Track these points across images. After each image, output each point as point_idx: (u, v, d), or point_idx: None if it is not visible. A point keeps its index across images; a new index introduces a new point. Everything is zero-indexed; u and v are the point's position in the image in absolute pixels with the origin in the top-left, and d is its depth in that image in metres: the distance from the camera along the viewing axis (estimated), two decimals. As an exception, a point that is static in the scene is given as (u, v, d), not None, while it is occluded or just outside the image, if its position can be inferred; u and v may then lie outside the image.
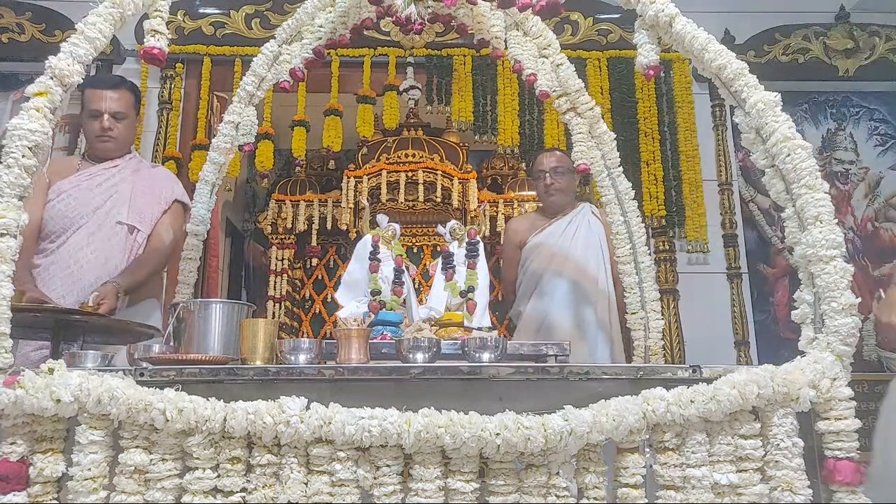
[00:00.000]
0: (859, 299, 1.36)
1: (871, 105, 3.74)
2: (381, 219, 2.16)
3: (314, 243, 4.42)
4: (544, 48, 2.29)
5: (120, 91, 2.41)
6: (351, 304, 2.05)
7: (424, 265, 4.46)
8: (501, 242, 3.37)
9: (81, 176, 2.39)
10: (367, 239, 2.09)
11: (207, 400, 1.21)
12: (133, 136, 2.50)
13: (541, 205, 3.00)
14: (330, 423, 1.18)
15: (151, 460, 1.20)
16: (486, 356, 1.49)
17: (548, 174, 2.83)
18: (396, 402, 1.23)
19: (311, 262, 4.62)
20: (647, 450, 1.28)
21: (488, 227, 4.11)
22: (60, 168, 2.44)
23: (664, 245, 3.44)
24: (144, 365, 1.43)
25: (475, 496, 1.20)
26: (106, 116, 2.37)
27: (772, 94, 1.51)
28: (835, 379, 1.30)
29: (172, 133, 3.45)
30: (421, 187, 4.00)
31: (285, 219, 4.38)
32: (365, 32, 2.35)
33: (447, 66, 3.57)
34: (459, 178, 4.07)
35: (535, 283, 2.79)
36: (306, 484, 1.19)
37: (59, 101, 1.38)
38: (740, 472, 1.26)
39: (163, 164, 3.31)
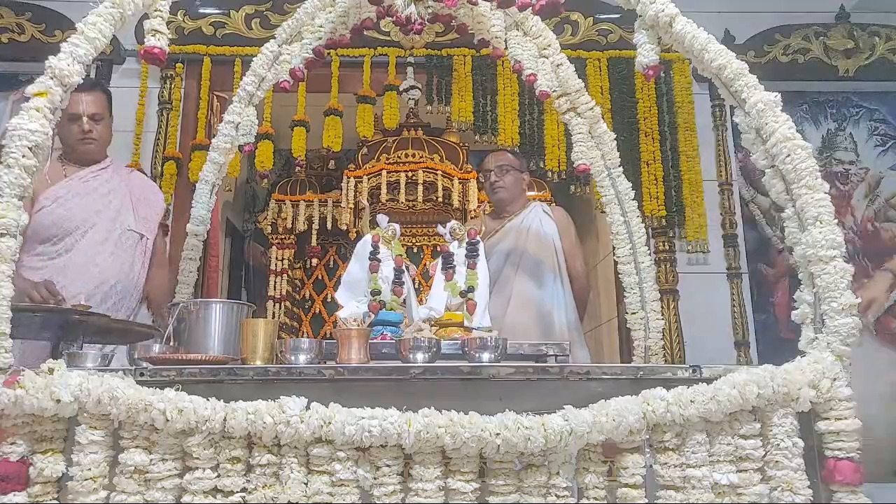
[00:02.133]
0: (859, 299, 1.36)
1: (871, 105, 3.73)
2: (381, 219, 2.16)
3: (314, 243, 4.42)
4: (544, 48, 2.29)
5: (95, 93, 2.44)
6: (351, 304, 2.05)
7: (424, 265, 4.46)
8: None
9: (73, 181, 2.41)
10: (367, 239, 2.09)
11: (207, 400, 1.21)
12: (109, 138, 2.53)
13: (494, 208, 3.05)
14: (330, 423, 1.18)
15: (151, 460, 1.20)
16: (486, 356, 1.49)
17: (493, 172, 2.89)
18: (396, 402, 1.23)
19: (311, 262, 4.63)
20: (647, 450, 1.28)
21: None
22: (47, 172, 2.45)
23: (664, 245, 3.43)
24: (144, 365, 1.43)
25: (475, 496, 1.20)
26: (85, 119, 2.39)
27: (772, 94, 1.51)
28: (835, 379, 1.30)
29: (172, 133, 3.44)
30: (421, 187, 4.00)
31: (285, 219, 4.38)
32: (365, 32, 2.35)
33: (447, 66, 3.56)
34: (459, 178, 4.07)
35: (493, 283, 2.75)
36: (306, 484, 1.20)
37: (59, 101, 1.38)
38: (740, 472, 1.26)
39: (163, 164, 3.31)
